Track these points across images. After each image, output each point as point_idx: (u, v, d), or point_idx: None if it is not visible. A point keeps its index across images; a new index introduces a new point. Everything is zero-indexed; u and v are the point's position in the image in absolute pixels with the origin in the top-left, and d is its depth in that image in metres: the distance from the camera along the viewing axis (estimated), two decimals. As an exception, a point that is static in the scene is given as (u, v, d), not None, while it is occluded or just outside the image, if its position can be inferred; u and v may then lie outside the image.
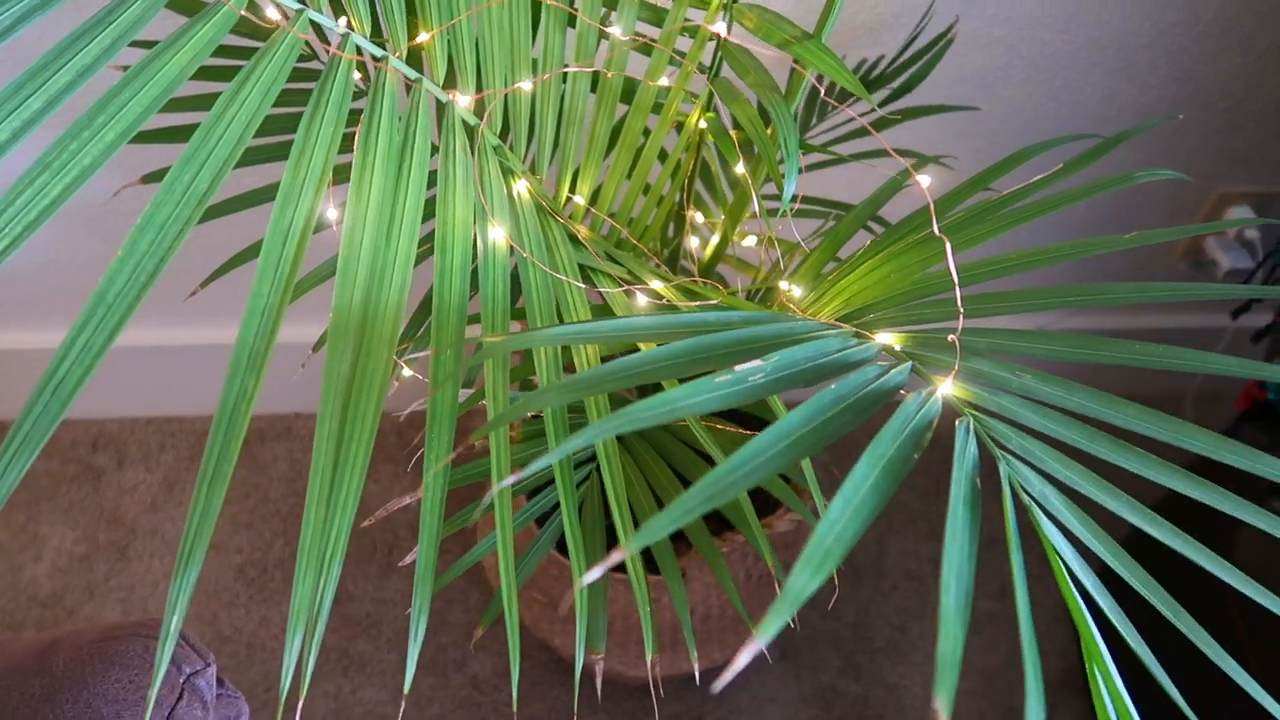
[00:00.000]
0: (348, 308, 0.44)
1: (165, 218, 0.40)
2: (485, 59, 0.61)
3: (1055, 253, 0.52)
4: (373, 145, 0.50)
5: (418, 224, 0.49)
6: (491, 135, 0.62)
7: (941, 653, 0.27)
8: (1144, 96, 1.12)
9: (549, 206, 0.63)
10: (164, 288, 0.49)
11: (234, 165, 0.43)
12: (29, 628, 1.28)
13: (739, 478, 0.33)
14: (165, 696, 0.47)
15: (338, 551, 0.40)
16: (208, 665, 0.51)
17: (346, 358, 0.43)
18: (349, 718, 1.22)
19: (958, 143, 1.15)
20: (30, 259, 1.22)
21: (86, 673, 0.46)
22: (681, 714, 1.23)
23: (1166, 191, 1.23)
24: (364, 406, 0.43)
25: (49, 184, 0.40)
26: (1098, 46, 1.06)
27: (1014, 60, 1.07)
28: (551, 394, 0.37)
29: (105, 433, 1.44)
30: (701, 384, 0.38)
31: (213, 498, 0.36)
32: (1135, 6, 1.02)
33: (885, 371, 0.45)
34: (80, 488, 1.40)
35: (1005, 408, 0.46)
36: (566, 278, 0.57)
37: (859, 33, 1.03)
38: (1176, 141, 1.17)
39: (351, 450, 0.42)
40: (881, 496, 0.35)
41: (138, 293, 0.38)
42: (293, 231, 0.43)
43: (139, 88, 0.43)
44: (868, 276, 0.59)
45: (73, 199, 0.39)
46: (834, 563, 0.29)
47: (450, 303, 0.49)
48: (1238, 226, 0.56)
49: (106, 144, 0.41)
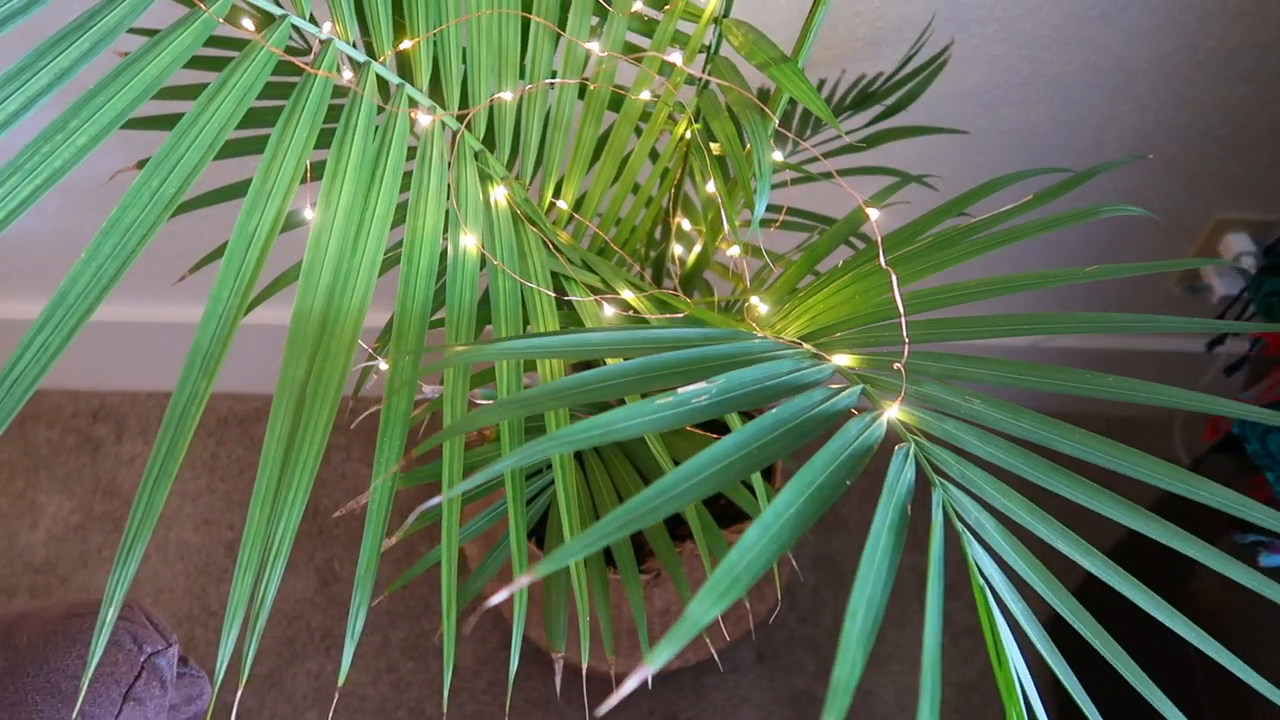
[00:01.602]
0: (308, 313, 0.46)
1: (131, 221, 0.42)
2: (472, 66, 0.62)
3: (1014, 282, 0.53)
4: (346, 152, 0.51)
5: (386, 231, 0.51)
6: (473, 140, 0.63)
7: (836, 678, 0.28)
8: (1143, 121, 1.11)
9: (529, 213, 0.64)
10: (169, 265, 0.50)
11: (203, 170, 0.44)
12: (22, 594, 1.30)
13: (664, 501, 0.34)
14: (124, 674, 0.49)
15: (282, 550, 0.42)
16: (169, 645, 0.52)
17: (303, 363, 0.45)
18: (330, 697, 1.24)
19: (955, 158, 1.15)
20: (42, 229, 1.24)
21: (48, 649, 0.48)
22: (656, 710, 1.25)
23: (1164, 216, 1.23)
24: (317, 411, 0.44)
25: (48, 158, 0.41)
26: (1097, 70, 1.06)
27: (1013, 79, 1.07)
28: (495, 411, 0.38)
29: (106, 405, 1.46)
30: (640, 406, 0.38)
31: (156, 494, 0.38)
32: (1136, 32, 1.02)
33: (833, 395, 0.46)
34: (79, 458, 1.42)
35: (950, 433, 0.47)
36: (536, 285, 0.58)
37: (859, 46, 1.04)
38: (1175, 166, 1.17)
39: (301, 453, 0.43)
40: (804, 523, 0.36)
41: (99, 294, 0.40)
42: (257, 236, 0.45)
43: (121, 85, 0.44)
44: (834, 296, 0.59)
45: (82, 177, 0.40)
46: (740, 591, 0.30)
47: (413, 310, 0.50)
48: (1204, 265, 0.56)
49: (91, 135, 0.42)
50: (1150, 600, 0.43)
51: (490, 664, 1.27)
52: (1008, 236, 0.55)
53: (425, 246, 0.52)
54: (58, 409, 1.45)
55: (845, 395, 0.46)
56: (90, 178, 0.74)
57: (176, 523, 1.37)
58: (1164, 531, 0.44)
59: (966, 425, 0.47)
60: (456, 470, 0.48)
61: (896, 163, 1.05)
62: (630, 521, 0.32)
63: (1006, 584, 0.42)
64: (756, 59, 0.60)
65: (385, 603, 1.30)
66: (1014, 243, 0.55)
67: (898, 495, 0.39)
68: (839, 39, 1.03)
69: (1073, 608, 0.43)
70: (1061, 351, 1.42)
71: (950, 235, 0.58)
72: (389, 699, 1.24)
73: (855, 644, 0.30)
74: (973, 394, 0.49)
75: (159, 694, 0.49)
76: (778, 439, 0.40)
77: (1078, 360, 1.43)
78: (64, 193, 1.18)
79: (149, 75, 0.44)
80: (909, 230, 0.65)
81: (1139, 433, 1.50)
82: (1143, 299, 1.35)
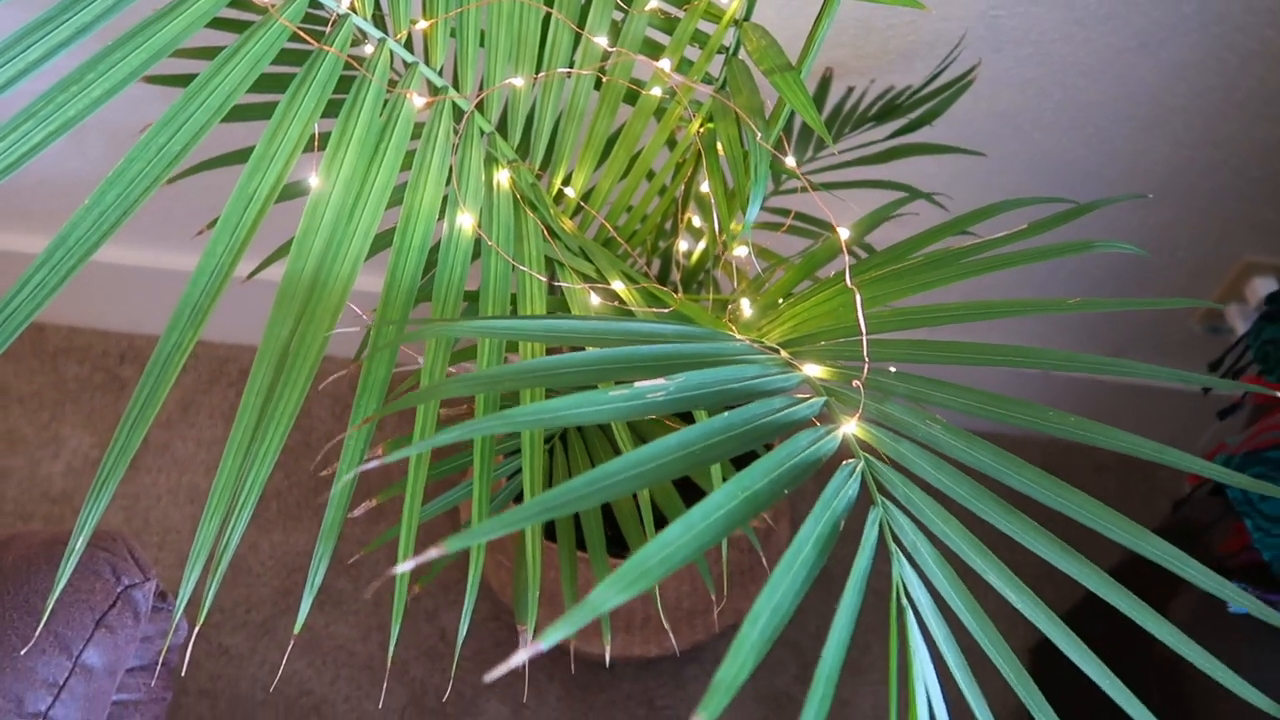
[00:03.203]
0: (298, 275, 0.48)
1: (136, 174, 0.44)
2: (490, 50, 0.64)
3: (992, 308, 0.53)
4: (352, 125, 0.53)
5: (383, 204, 0.52)
6: (484, 122, 0.65)
7: (720, 677, 0.30)
8: (1176, 155, 1.10)
9: (532, 198, 0.66)
10: (206, 218, 0.52)
11: (209, 131, 0.46)
12: (37, 521, 1.35)
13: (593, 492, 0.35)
14: (100, 602, 0.52)
15: (249, 500, 0.44)
16: (147, 580, 0.55)
17: (288, 323, 0.47)
18: (320, 650, 1.28)
19: (981, 178, 1.15)
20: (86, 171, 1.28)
21: (30, 571, 0.51)
22: (634, 694, 1.27)
23: (1190, 253, 1.22)
24: (297, 371, 0.46)
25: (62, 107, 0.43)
26: (1133, 101, 1.05)
27: (1045, 104, 1.06)
28: (451, 386, 0.40)
29: (134, 347, 1.51)
30: (593, 395, 0.40)
31: (133, 437, 0.40)
32: (1175, 66, 1.01)
33: (793, 404, 0.47)
34: (104, 396, 1.47)
35: (903, 455, 0.48)
36: (528, 269, 0.60)
37: (892, 58, 1.04)
38: (1206, 205, 1.16)
39: (278, 410, 0.45)
40: (732, 525, 0.37)
41: (98, 239, 0.42)
42: (255, 199, 0.47)
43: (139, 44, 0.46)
44: (819, 306, 0.60)
45: (130, 124, 0.42)
46: (648, 583, 0.32)
47: (401, 281, 0.52)
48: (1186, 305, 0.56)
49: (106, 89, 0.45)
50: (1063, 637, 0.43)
51: (477, 633, 1.30)
52: (994, 263, 0.56)
53: (420, 222, 0.54)
54: (89, 347, 1.50)
55: (805, 406, 0.47)
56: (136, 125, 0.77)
57: (190, 468, 1.41)
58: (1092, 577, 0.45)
59: (921, 449, 0.48)
60: (429, 433, 0.50)
61: (924, 176, 1.06)
62: (554, 508, 0.33)
63: (934, 609, 0.43)
64: (764, 65, 0.61)
65: (383, 563, 1.34)
66: (1003, 269, 0.56)
67: (833, 510, 0.40)
68: (872, 49, 1.03)
69: (992, 638, 0.44)
70: (1078, 382, 1.41)
71: (940, 257, 0.59)
72: (376, 656, 1.28)
73: (749, 648, 0.31)
74: (934, 419, 0.49)
75: (131, 624, 0.52)
76: (724, 441, 0.41)
77: (1094, 391, 1.42)
78: (110, 137, 1.21)
79: (166, 36, 0.46)
80: (904, 246, 0.65)
81: (1151, 469, 1.49)
82: (1164, 336, 1.34)
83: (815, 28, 0.57)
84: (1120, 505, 1.26)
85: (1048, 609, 0.45)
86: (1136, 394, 1.40)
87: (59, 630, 0.50)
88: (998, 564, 0.44)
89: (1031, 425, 0.50)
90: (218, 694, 1.24)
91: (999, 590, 0.45)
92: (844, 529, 0.43)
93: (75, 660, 0.49)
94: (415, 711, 1.24)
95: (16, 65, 0.42)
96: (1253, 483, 0.47)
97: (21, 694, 0.46)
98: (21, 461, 1.40)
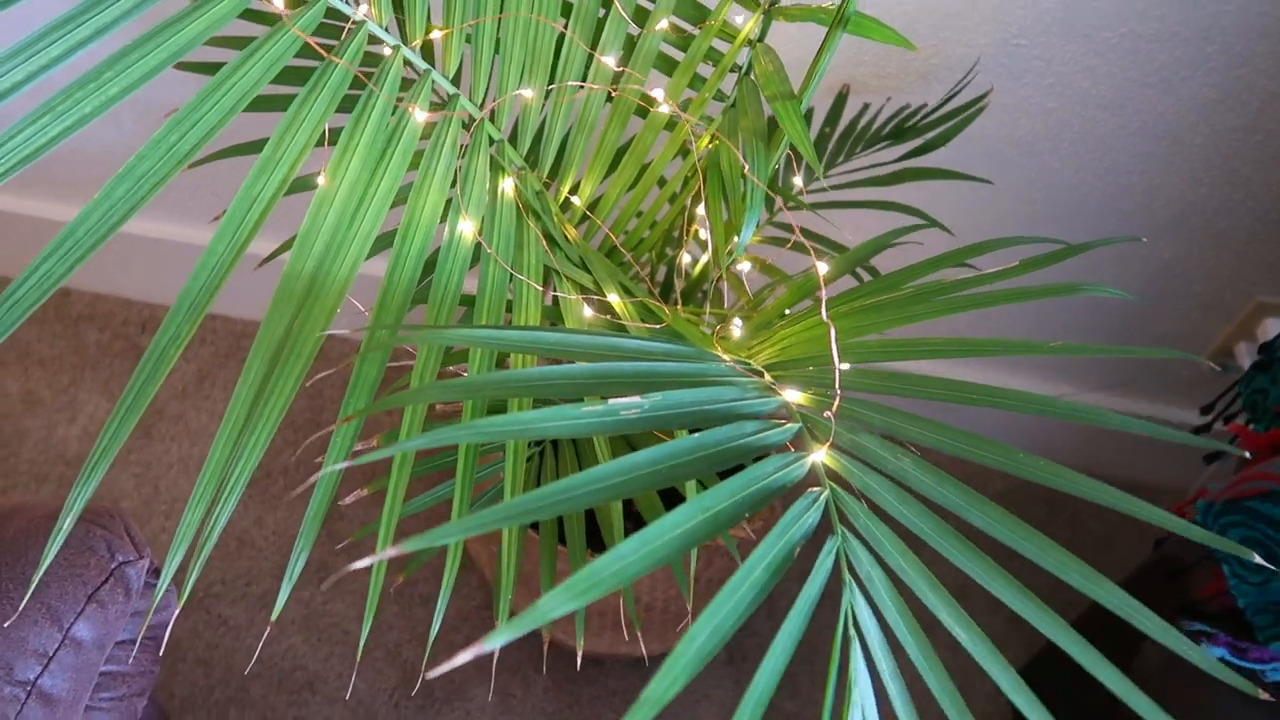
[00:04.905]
0: (297, 275, 0.49)
1: (145, 171, 0.46)
2: (504, 60, 0.65)
3: (970, 346, 0.54)
4: (360, 129, 0.54)
5: (385, 209, 0.54)
6: (494, 130, 0.66)
7: (650, 691, 0.31)
8: (1193, 192, 1.10)
9: (536, 207, 0.67)
10: (229, 189, 0.54)
11: (220, 131, 0.48)
12: (52, 483, 1.39)
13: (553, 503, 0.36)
14: (93, 578, 0.54)
15: (236, 489, 0.46)
16: (141, 558, 0.57)
17: (285, 321, 0.48)
18: (315, 626, 1.31)
19: (997, 204, 1.15)
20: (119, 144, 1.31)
21: (28, 544, 0.53)
22: (620, 690, 1.28)
23: (1203, 287, 1.21)
24: (289, 368, 0.48)
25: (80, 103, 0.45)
26: (1152, 136, 1.05)
27: (1064, 134, 1.06)
28: (434, 392, 0.42)
29: (155, 318, 1.54)
30: (566, 410, 0.41)
31: (124, 426, 0.42)
32: (1195, 105, 1.01)
33: (767, 428, 0.48)
34: (123, 363, 1.50)
35: (870, 486, 0.49)
36: (526, 278, 0.61)
37: (912, 80, 1.04)
38: (1221, 242, 1.15)
39: (268, 405, 0.47)
40: (689, 545, 0.38)
41: (105, 233, 0.44)
42: (260, 199, 0.49)
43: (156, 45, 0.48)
44: (807, 331, 0.61)
45: (166, 102, 0.44)
46: (599, 593, 0.33)
47: (398, 285, 0.53)
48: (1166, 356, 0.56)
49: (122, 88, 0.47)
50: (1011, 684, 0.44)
51: (470, 620, 1.32)
52: (977, 301, 0.57)
53: (421, 227, 0.56)
54: (111, 314, 1.54)
55: (778, 431, 0.48)
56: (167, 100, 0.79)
57: (203, 439, 1.44)
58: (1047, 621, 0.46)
59: (889, 482, 0.49)
60: (416, 432, 0.51)
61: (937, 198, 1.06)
62: (517, 515, 0.35)
63: (882, 642, 0.44)
64: (769, 90, 0.62)
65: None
66: (986, 308, 0.56)
67: (789, 537, 0.41)
68: (893, 70, 1.04)
69: (940, 677, 0.45)
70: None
71: (928, 289, 0.60)
72: (370, 638, 1.30)
73: (682, 666, 0.32)
74: (906, 453, 0.50)
75: (122, 600, 0.54)
76: (692, 462, 0.42)
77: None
78: (143, 110, 1.24)
79: (183, 38, 0.48)
80: (899, 276, 0.66)
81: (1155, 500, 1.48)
82: (1172, 370, 1.34)
83: (816, 61, 0.58)
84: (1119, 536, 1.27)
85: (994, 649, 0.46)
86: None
87: (51, 603, 0.52)
88: (950, 601, 0.45)
89: (1001, 466, 0.51)
90: (214, 663, 1.27)
91: (949, 629, 0.46)
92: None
93: (65, 633, 0.52)
94: (405, 693, 1.27)
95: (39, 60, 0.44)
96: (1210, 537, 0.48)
97: (12, 662, 0.49)
98: (39, 423, 1.44)
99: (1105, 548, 1.40)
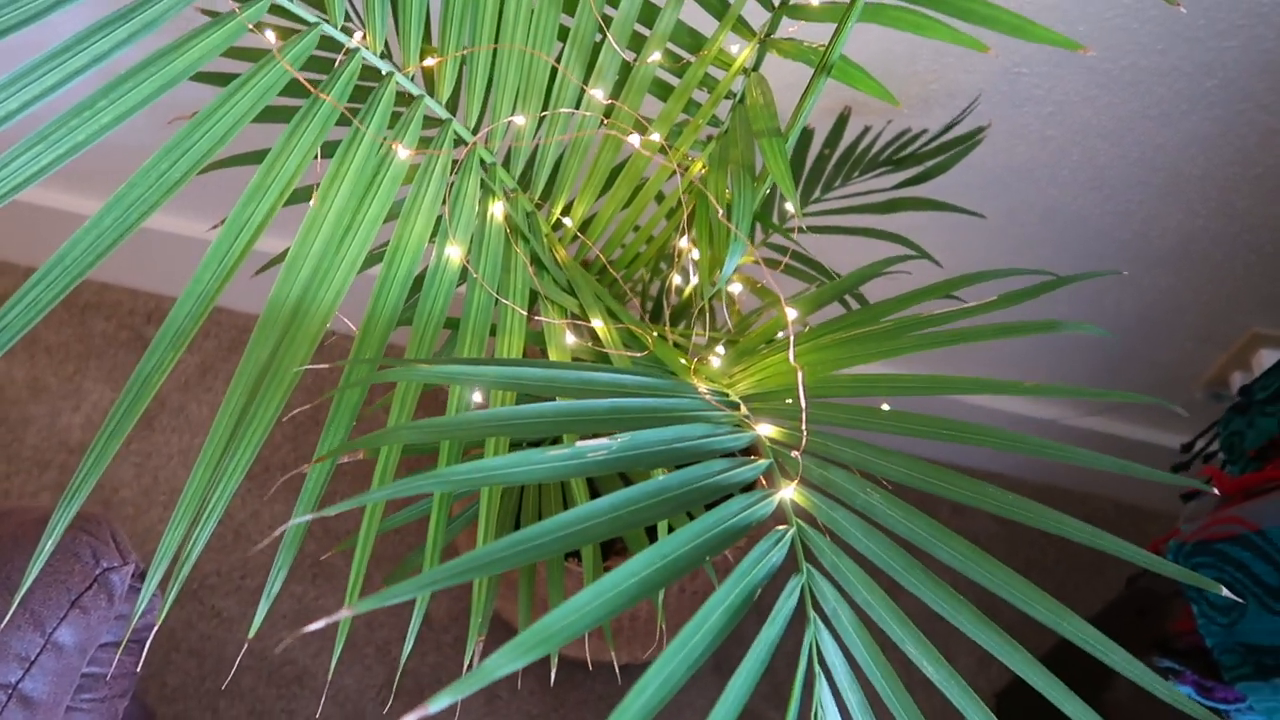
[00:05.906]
0: (282, 301, 0.51)
1: (134, 199, 0.47)
2: (497, 86, 0.66)
3: (939, 383, 0.55)
4: (350, 157, 0.55)
5: (372, 236, 0.55)
6: (486, 153, 0.67)
7: None
8: (1190, 224, 1.10)
9: (525, 229, 0.68)
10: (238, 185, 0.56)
11: (211, 159, 0.49)
12: (54, 469, 1.41)
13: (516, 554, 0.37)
14: (77, 584, 0.56)
15: (216, 510, 0.47)
16: (125, 564, 0.59)
17: (268, 346, 0.50)
18: (308, 622, 1.32)
19: (995, 230, 1.16)
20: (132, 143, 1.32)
21: (16, 549, 0.55)
22: (606, 695, 1.30)
23: (1199, 317, 1.22)
24: (270, 393, 0.49)
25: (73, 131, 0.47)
26: (1150, 167, 1.05)
27: (1062, 162, 1.07)
28: (398, 434, 0.43)
29: (160, 309, 1.56)
30: (530, 455, 0.42)
31: (107, 449, 0.43)
32: (1194, 138, 1.01)
33: (736, 466, 0.49)
34: (127, 354, 1.52)
35: (837, 522, 0.49)
36: (511, 303, 0.62)
37: (913, 103, 1.05)
38: (1217, 274, 1.15)
39: (249, 430, 0.48)
40: (646, 593, 0.39)
41: (92, 260, 0.45)
42: (247, 228, 0.50)
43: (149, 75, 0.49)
44: (784, 364, 0.62)
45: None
46: (548, 649, 0.34)
47: (381, 314, 0.54)
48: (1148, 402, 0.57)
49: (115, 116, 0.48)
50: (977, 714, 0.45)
51: (460, 621, 1.34)
52: (956, 336, 0.57)
53: (408, 255, 0.57)
54: (117, 304, 1.55)
55: (748, 469, 0.49)
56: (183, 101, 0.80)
57: (203, 431, 1.46)
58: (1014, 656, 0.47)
59: (857, 517, 0.50)
60: (390, 471, 0.52)
61: (934, 223, 1.07)
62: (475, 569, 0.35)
63: (849, 676, 0.45)
64: (757, 125, 0.63)
65: (379, 544, 1.37)
66: (959, 344, 0.57)
67: (750, 579, 0.42)
68: (895, 94, 1.04)
69: (907, 708, 0.46)
70: (1081, 433, 1.41)
71: (904, 324, 0.61)
72: (360, 634, 1.32)
73: (642, 701, 0.33)
74: (874, 488, 0.51)
75: (105, 606, 0.56)
76: (656, 505, 0.43)
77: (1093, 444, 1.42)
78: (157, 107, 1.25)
79: (176, 68, 0.49)
80: (881, 308, 0.67)
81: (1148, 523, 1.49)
82: (1167, 397, 1.34)
83: (801, 103, 0.59)
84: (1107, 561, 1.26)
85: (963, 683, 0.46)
86: (1125, 453, 1.40)
87: (35, 608, 0.53)
88: (917, 634, 0.46)
89: (971, 501, 0.51)
90: (206, 654, 1.29)
91: (915, 662, 0.47)
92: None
93: (48, 638, 0.53)
94: (391, 691, 1.28)
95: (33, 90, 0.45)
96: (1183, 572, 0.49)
97: (-7, 667, 0.50)
98: (43, 410, 1.46)
99: (1096, 572, 1.41)
